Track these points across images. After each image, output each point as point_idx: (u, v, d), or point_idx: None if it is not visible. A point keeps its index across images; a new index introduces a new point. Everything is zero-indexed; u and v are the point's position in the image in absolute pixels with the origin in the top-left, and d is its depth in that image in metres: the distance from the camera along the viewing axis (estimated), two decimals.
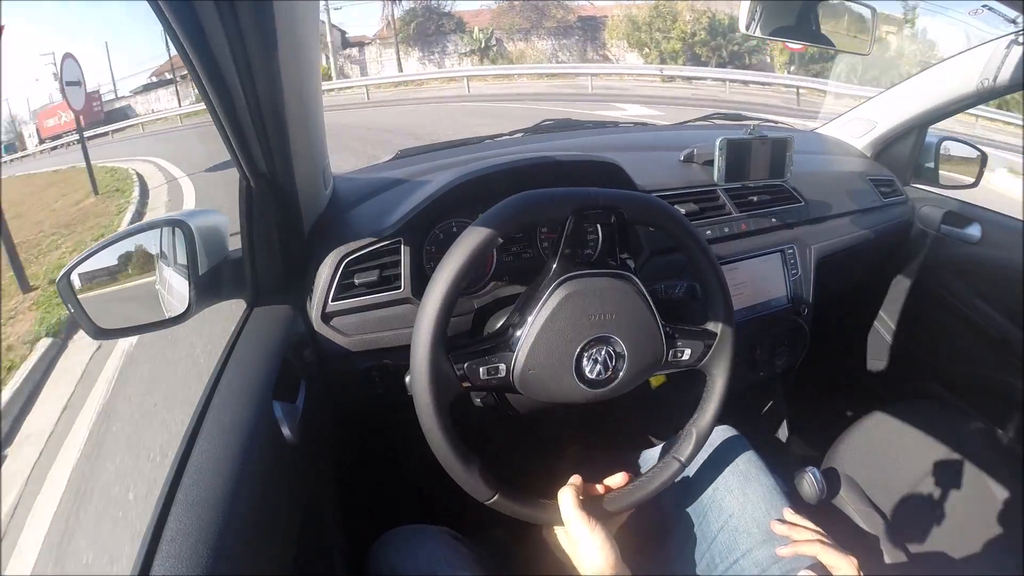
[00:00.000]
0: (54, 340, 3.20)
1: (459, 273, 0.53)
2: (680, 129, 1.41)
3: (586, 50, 17.45)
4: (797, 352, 1.02)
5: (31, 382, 2.80)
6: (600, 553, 0.56)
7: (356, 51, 19.38)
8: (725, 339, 0.63)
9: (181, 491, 0.46)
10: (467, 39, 17.84)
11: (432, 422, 0.54)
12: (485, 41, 17.57)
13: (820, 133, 1.37)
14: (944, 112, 1.12)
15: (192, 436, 0.51)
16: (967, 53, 1.04)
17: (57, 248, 5.51)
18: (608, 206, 0.57)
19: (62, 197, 8.39)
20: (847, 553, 0.60)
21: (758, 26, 0.87)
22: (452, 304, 0.54)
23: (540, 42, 17.59)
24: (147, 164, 9.12)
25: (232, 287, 0.73)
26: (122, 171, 8.91)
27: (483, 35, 17.63)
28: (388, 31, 18.96)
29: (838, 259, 1.08)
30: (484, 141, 1.14)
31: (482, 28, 17.85)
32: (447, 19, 18.57)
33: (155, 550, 0.42)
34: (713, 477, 0.70)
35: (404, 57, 18.56)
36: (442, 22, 18.50)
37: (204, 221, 0.71)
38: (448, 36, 18.44)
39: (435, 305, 0.53)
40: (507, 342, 0.57)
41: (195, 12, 0.44)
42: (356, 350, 0.75)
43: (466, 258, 0.54)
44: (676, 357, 0.61)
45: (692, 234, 0.62)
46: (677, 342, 0.61)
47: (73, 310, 0.64)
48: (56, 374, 2.95)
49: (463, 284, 0.54)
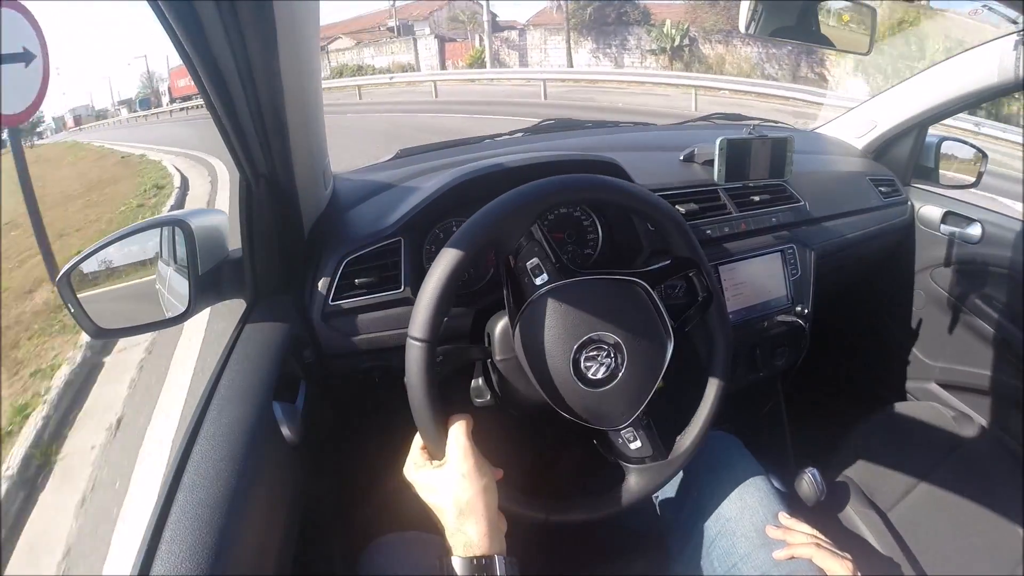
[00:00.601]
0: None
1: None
2: (680, 129, 1.41)
3: (799, 65, 12.79)
4: (797, 352, 1.02)
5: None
6: (484, 518, 0.51)
7: (516, 35, 16.45)
8: (669, 469, 0.62)
9: (181, 491, 0.46)
10: (655, 33, 13.98)
11: (469, 232, 0.55)
12: (679, 38, 13.59)
13: (820, 133, 1.37)
14: (944, 112, 1.12)
15: (192, 436, 0.51)
16: (968, 53, 1.04)
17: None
18: (708, 285, 0.62)
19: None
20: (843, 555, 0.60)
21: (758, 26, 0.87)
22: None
23: (744, 48, 13.36)
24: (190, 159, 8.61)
25: (232, 287, 0.73)
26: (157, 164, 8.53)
27: (677, 31, 13.61)
28: (553, 14, 16.09)
29: (838, 259, 1.08)
30: (484, 141, 1.13)
31: (676, 23, 13.80)
32: (631, 7, 14.71)
33: (155, 550, 0.42)
34: (711, 482, 0.70)
35: (574, 47, 15.13)
36: (624, 9, 14.73)
37: (204, 221, 0.70)
38: (630, 28, 14.63)
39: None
40: (568, 269, 0.58)
41: (195, 12, 0.44)
42: (356, 350, 0.75)
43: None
44: (625, 439, 0.61)
45: (725, 361, 0.65)
46: (640, 429, 0.61)
47: (73, 310, 0.64)
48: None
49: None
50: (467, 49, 17.65)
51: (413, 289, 0.74)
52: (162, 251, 0.74)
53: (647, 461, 0.61)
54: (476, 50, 16.88)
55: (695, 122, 1.43)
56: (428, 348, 0.53)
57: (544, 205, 0.57)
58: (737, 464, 0.71)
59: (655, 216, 0.63)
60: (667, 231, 0.63)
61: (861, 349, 1.42)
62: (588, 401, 0.57)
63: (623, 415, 0.59)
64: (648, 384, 0.59)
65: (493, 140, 1.14)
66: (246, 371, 0.60)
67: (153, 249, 0.74)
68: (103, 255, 0.67)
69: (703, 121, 1.42)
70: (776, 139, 0.98)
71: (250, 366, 0.61)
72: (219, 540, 0.43)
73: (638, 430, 0.60)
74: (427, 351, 0.53)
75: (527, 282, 0.57)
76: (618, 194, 0.61)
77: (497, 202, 0.57)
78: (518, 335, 0.58)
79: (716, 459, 0.72)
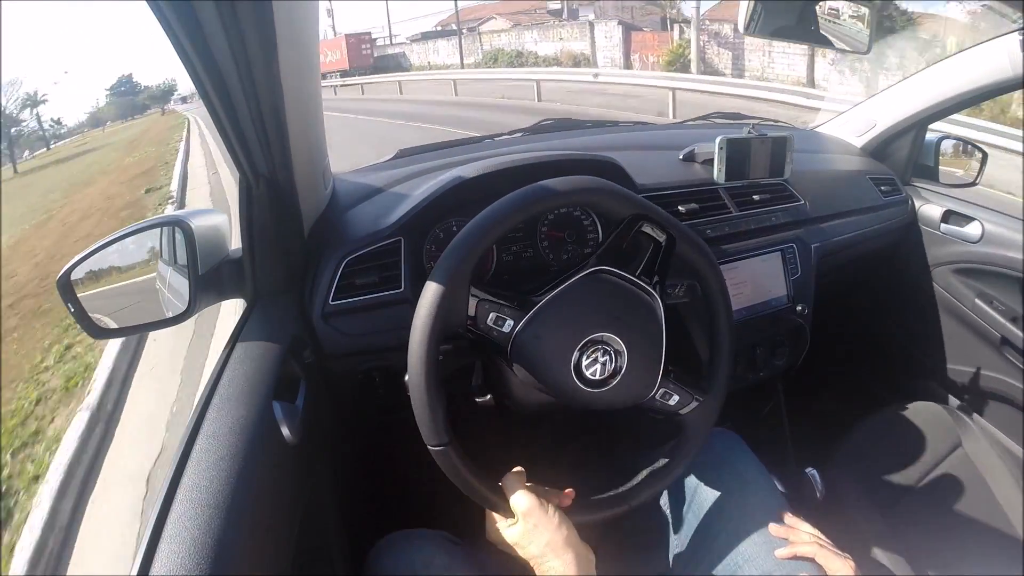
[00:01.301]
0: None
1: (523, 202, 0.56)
2: (680, 128, 1.41)
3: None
4: (797, 352, 1.02)
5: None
6: (568, 551, 0.54)
7: (730, 30, 11.73)
8: (713, 402, 0.63)
9: (181, 491, 0.46)
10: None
11: (421, 346, 0.52)
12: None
13: (820, 132, 1.37)
14: (944, 110, 1.12)
15: (192, 436, 0.51)
16: (967, 51, 1.04)
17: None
18: (663, 226, 0.60)
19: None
20: (844, 555, 0.60)
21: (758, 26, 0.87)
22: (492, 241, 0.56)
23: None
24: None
25: (232, 287, 0.73)
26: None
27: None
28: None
29: (838, 258, 1.08)
30: (483, 140, 1.14)
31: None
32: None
33: (155, 550, 0.42)
34: (714, 481, 0.70)
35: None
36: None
37: (204, 220, 0.70)
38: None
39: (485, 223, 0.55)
40: (524, 302, 0.57)
41: (195, 12, 0.44)
42: (356, 350, 0.75)
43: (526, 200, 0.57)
44: (663, 399, 0.61)
45: (722, 291, 0.65)
46: (670, 384, 0.61)
47: (73, 309, 0.64)
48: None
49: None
50: (662, 42, 13.41)
51: (413, 289, 0.74)
52: (162, 251, 0.74)
53: (694, 402, 0.62)
54: (677, 44, 12.71)
55: (695, 121, 1.43)
56: (452, 448, 0.54)
57: (467, 265, 0.55)
58: (739, 462, 0.71)
59: (582, 199, 0.62)
60: (598, 202, 0.61)
61: (861, 349, 1.42)
62: (603, 397, 0.57)
63: (647, 387, 0.59)
64: (656, 353, 0.59)
65: (493, 140, 1.14)
66: (246, 371, 0.60)
67: (153, 249, 0.74)
68: (103, 255, 0.67)
69: (703, 120, 1.42)
70: (776, 138, 0.98)
71: (250, 366, 0.61)
72: (219, 540, 0.43)
73: (668, 386, 0.61)
74: (453, 451, 0.54)
75: (497, 335, 0.56)
76: (524, 209, 0.58)
77: (426, 295, 0.54)
78: (514, 376, 0.58)
79: (718, 456, 0.72)
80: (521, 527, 0.56)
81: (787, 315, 0.98)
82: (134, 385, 2.55)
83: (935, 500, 0.93)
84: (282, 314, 0.71)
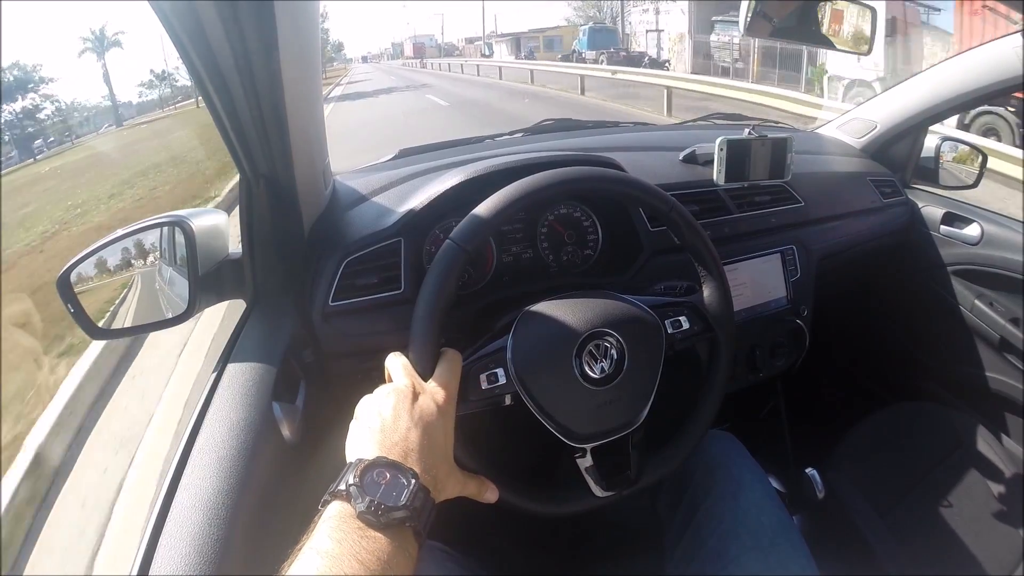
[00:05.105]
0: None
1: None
2: (680, 129, 1.41)
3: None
4: (797, 353, 1.02)
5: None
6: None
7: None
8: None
9: (181, 491, 0.46)
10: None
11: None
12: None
13: (820, 133, 1.37)
14: (945, 111, 1.12)
15: (192, 436, 0.51)
16: (967, 53, 1.04)
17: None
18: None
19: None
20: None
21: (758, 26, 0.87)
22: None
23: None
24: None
25: (232, 287, 0.73)
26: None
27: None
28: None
29: (838, 260, 1.08)
30: (484, 140, 1.13)
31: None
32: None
33: (155, 550, 0.42)
34: (708, 483, 0.69)
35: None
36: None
37: (204, 221, 0.70)
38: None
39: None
40: (496, 333, 0.57)
41: (195, 12, 0.44)
42: (356, 350, 0.75)
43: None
44: (676, 328, 0.61)
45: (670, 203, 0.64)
46: (669, 313, 0.62)
47: (72, 309, 0.64)
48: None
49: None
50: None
51: (413, 290, 0.74)
52: (162, 251, 0.74)
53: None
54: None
55: (695, 122, 1.43)
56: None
57: (439, 316, 0.54)
58: (734, 464, 0.71)
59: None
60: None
61: (861, 349, 1.42)
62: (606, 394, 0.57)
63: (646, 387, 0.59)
64: (655, 366, 0.59)
65: (493, 140, 1.14)
66: (246, 371, 0.60)
67: (153, 249, 0.74)
68: (103, 255, 0.67)
69: (703, 121, 1.42)
70: (776, 139, 0.98)
71: (250, 366, 0.61)
72: (218, 540, 0.43)
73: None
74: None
75: (498, 392, 0.55)
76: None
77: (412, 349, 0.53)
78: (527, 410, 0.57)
79: (713, 459, 0.71)
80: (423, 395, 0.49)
81: (787, 316, 0.98)
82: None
83: (935, 501, 0.93)
84: (282, 314, 0.71)
